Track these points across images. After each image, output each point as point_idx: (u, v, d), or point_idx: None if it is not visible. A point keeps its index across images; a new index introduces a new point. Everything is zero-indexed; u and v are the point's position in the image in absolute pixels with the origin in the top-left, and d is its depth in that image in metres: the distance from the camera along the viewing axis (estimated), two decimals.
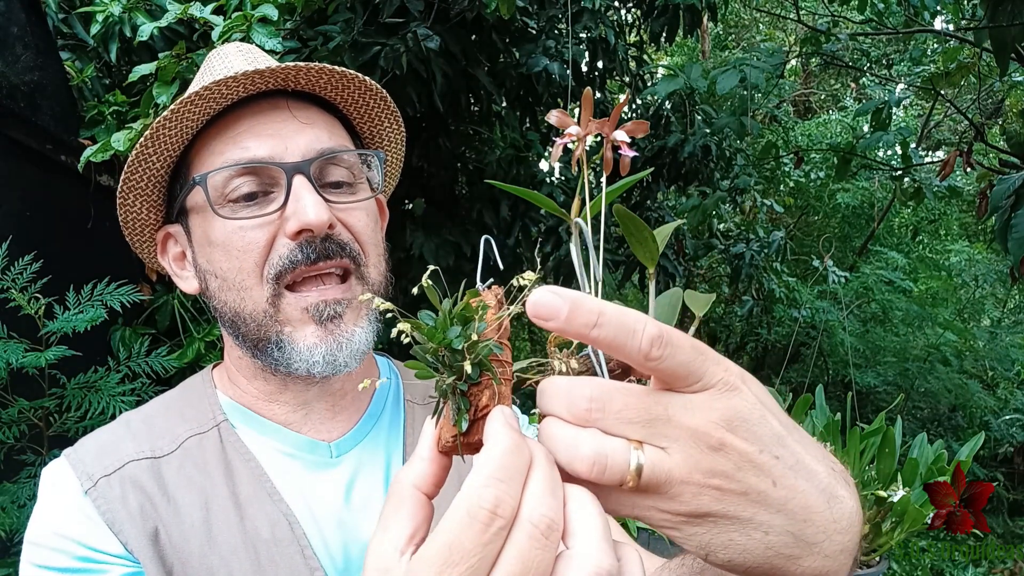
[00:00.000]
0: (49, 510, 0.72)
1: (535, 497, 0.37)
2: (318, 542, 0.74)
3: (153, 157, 0.76)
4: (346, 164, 0.78)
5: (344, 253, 0.74)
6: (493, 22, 3.16)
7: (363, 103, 0.84)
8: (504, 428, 0.39)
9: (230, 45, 0.86)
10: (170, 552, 0.70)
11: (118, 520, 0.69)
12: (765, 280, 5.50)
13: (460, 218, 3.83)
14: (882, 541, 1.26)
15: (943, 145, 8.27)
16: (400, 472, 0.42)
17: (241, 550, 0.70)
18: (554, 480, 0.39)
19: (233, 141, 0.74)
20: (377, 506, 0.78)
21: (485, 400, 0.41)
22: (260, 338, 0.74)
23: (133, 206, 0.80)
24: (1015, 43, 2.72)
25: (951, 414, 6.19)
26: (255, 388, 0.80)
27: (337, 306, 0.73)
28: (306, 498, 0.76)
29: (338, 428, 0.82)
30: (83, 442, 0.77)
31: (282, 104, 0.76)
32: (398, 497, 0.41)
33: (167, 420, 0.79)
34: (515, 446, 0.38)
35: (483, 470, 0.37)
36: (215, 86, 0.71)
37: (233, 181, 0.73)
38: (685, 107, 4.44)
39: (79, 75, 2.25)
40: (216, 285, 0.76)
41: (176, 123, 0.73)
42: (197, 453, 0.76)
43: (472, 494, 0.36)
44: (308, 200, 0.71)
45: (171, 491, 0.72)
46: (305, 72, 0.76)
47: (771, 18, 8.21)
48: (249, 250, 0.73)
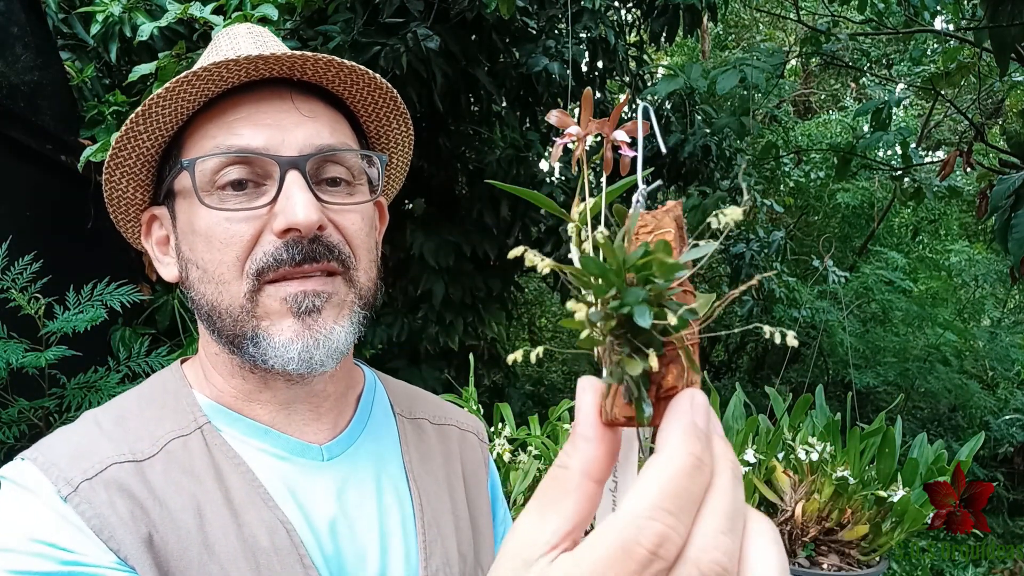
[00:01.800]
0: (24, 516, 0.65)
1: (708, 536, 0.31)
2: (314, 549, 0.71)
3: (144, 135, 0.72)
4: (346, 163, 0.75)
5: (332, 256, 0.71)
6: (493, 22, 3.16)
7: (371, 101, 0.81)
8: (685, 435, 0.32)
9: (242, 25, 0.82)
10: (167, 558, 0.65)
11: (108, 526, 0.64)
12: (765, 280, 5.50)
13: (460, 218, 3.83)
14: (882, 541, 1.26)
15: (943, 145, 8.27)
16: (563, 455, 0.35)
17: (240, 559, 0.67)
18: (735, 511, 0.32)
19: (228, 127, 0.71)
20: (370, 512, 0.76)
21: (672, 380, 0.34)
22: (236, 333, 0.71)
23: (119, 184, 0.76)
24: (1015, 43, 2.72)
25: (951, 414, 6.19)
26: (232, 387, 0.76)
27: (316, 298, 0.70)
28: (298, 502, 0.73)
29: (324, 431, 0.78)
30: (48, 443, 0.70)
31: (285, 93, 0.73)
32: (563, 485, 0.34)
33: (142, 421, 0.73)
34: (694, 465, 0.32)
35: (649, 493, 0.31)
36: (214, 67, 0.68)
37: (225, 168, 0.70)
38: (685, 107, 4.44)
39: (79, 75, 2.25)
40: (196, 276, 0.73)
41: (171, 102, 0.70)
42: (182, 456, 0.71)
43: (631, 524, 0.31)
44: (299, 199, 0.68)
45: (160, 495, 0.67)
46: (313, 62, 0.72)
47: (771, 18, 8.21)
48: (232, 243, 0.69)
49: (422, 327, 3.66)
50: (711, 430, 0.34)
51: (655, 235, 0.36)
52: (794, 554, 1.25)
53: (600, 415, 0.35)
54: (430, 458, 0.85)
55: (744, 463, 1.27)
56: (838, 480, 1.23)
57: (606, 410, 0.35)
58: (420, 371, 3.65)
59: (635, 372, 0.32)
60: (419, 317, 3.68)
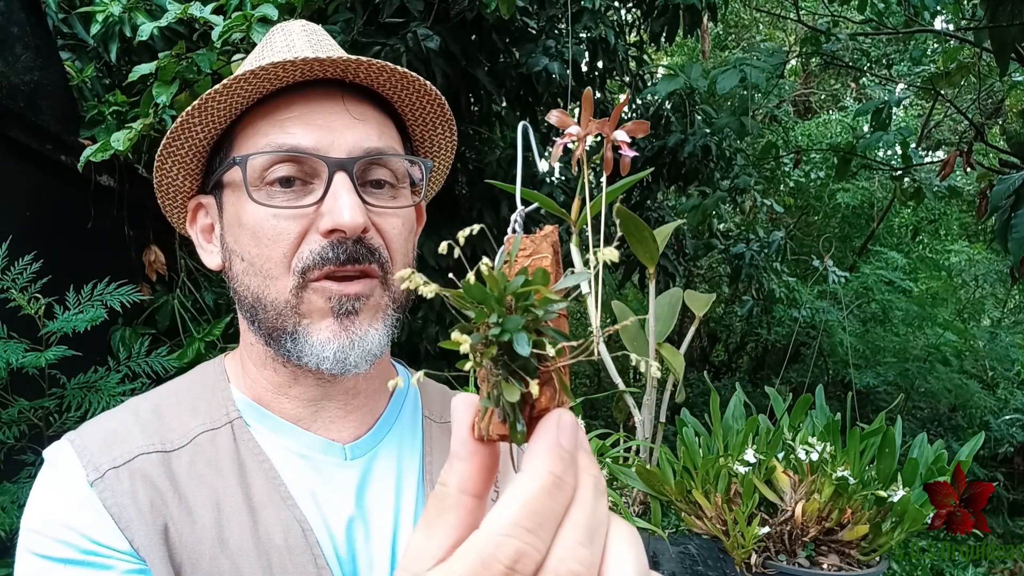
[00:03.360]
0: (53, 498, 0.69)
1: (567, 548, 0.33)
2: (329, 549, 0.72)
3: (198, 127, 0.75)
4: (392, 166, 0.77)
5: (373, 258, 0.73)
6: (493, 22, 3.17)
7: (419, 106, 0.83)
8: (548, 455, 0.34)
9: (296, 23, 0.84)
10: (180, 550, 0.68)
11: (125, 516, 0.67)
12: (765, 280, 5.51)
13: (460, 218, 3.83)
14: (882, 541, 1.26)
15: (943, 145, 8.27)
16: (443, 473, 0.38)
17: (252, 555, 0.69)
18: (596, 522, 0.35)
19: (280, 125, 0.72)
20: (386, 514, 0.77)
21: (544, 402, 0.35)
22: (276, 327, 0.73)
23: (170, 171, 0.79)
24: (1015, 43, 2.72)
25: (951, 414, 6.19)
26: (264, 378, 0.78)
27: (356, 301, 0.72)
28: (317, 501, 0.74)
29: (349, 429, 0.79)
30: (89, 427, 0.74)
31: (336, 95, 0.75)
32: (443, 502, 0.36)
33: (178, 412, 0.76)
34: (554, 483, 0.34)
35: (509, 511, 0.33)
36: (272, 68, 0.70)
37: (274, 166, 0.72)
38: (685, 107, 4.44)
39: (79, 75, 2.25)
40: (241, 267, 0.74)
41: (227, 98, 0.72)
42: (209, 450, 0.73)
43: (491, 540, 0.32)
44: (346, 201, 0.70)
45: (181, 487, 0.70)
46: (366, 66, 0.74)
47: (771, 18, 8.21)
48: (279, 239, 0.71)
49: (422, 327, 3.66)
50: (577, 447, 0.35)
51: (533, 260, 0.37)
52: (794, 554, 1.25)
53: (473, 432, 0.36)
54: None
55: (744, 463, 1.27)
56: (838, 480, 1.23)
57: (481, 428, 0.36)
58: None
59: (513, 398, 0.33)
60: (419, 317, 3.68)
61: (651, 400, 1.52)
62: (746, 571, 1.23)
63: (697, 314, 1.55)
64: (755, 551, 1.23)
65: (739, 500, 1.27)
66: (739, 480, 1.27)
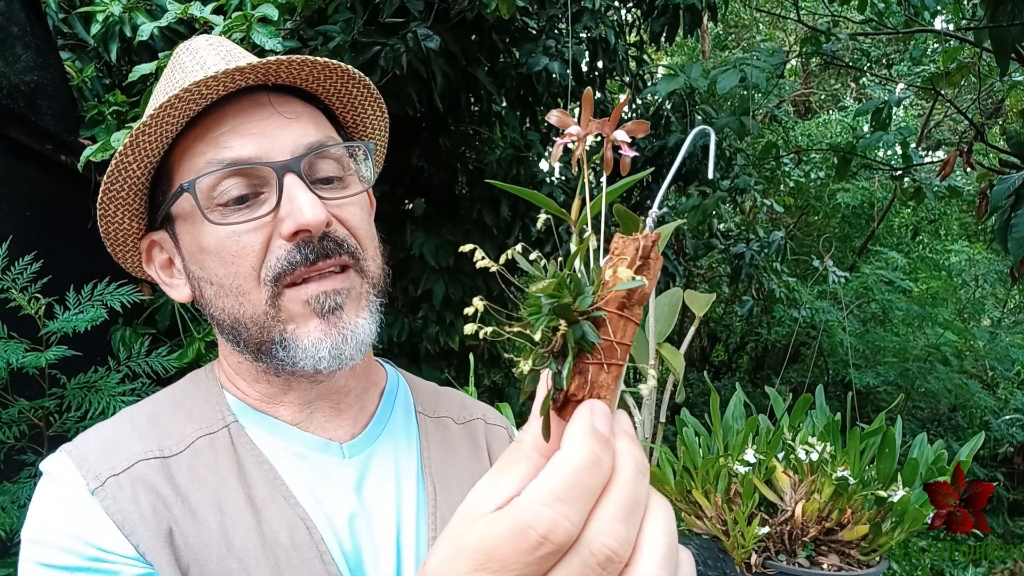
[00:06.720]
0: (54, 508, 0.69)
1: (603, 523, 0.35)
2: (334, 545, 0.73)
3: (133, 165, 0.74)
4: (335, 157, 0.77)
5: (342, 250, 0.73)
6: (493, 22, 3.16)
7: (345, 92, 0.82)
8: (585, 434, 0.36)
9: (200, 39, 0.83)
10: (186, 552, 0.68)
11: (129, 521, 0.67)
12: (765, 280, 5.50)
13: (460, 218, 3.83)
14: (882, 541, 1.26)
15: (943, 145, 8.27)
16: (521, 432, 0.41)
17: (259, 554, 0.69)
18: (634, 501, 0.36)
19: (216, 142, 0.72)
20: (388, 508, 0.77)
21: (574, 387, 0.38)
22: (263, 340, 0.72)
23: (115, 216, 0.78)
24: (1015, 43, 2.72)
25: (951, 414, 6.19)
26: (257, 391, 0.78)
27: (337, 296, 0.72)
28: (318, 499, 0.75)
29: (344, 428, 0.80)
30: (85, 438, 0.74)
31: (264, 100, 0.74)
32: (515, 455, 0.39)
33: (174, 419, 0.76)
34: (592, 461, 0.35)
35: (547, 483, 0.35)
36: (195, 87, 0.69)
37: (222, 184, 0.71)
38: (685, 107, 4.44)
39: (79, 75, 2.25)
40: (212, 292, 0.74)
41: (156, 128, 0.71)
42: (208, 454, 0.74)
43: (526, 509, 0.34)
44: (303, 199, 0.69)
45: (183, 491, 0.70)
46: (287, 65, 0.74)
47: (771, 18, 8.21)
48: (244, 254, 0.71)
49: (422, 327, 3.66)
50: (615, 432, 0.38)
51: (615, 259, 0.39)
52: (794, 554, 1.25)
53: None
54: (453, 455, 0.86)
55: (744, 463, 1.27)
56: (838, 480, 1.23)
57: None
58: (420, 371, 3.65)
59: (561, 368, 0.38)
60: (419, 317, 3.68)
61: (651, 400, 1.52)
62: (746, 571, 1.23)
63: (697, 314, 1.55)
64: (755, 551, 1.23)
65: (739, 500, 1.27)
66: (739, 480, 1.27)
